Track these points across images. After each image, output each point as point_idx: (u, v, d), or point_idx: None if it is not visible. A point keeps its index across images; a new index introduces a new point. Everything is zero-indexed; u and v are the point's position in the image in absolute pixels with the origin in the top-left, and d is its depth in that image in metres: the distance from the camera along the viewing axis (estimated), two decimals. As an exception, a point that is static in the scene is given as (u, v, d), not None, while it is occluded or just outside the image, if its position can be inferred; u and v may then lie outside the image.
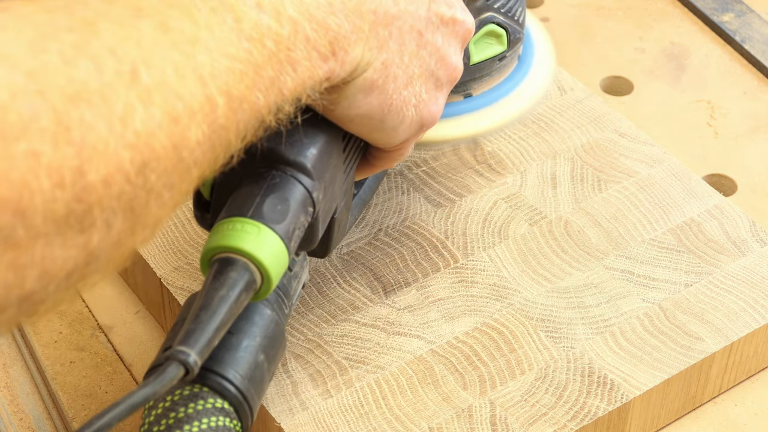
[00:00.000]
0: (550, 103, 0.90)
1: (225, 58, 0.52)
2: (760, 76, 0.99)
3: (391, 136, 0.66)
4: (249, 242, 0.60)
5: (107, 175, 0.47)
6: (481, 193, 0.84)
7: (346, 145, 0.66)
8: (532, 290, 0.78)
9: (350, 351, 0.75)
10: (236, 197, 0.62)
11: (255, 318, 0.65)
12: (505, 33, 0.77)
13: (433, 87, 0.67)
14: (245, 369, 0.63)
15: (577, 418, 0.72)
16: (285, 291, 0.68)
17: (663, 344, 0.75)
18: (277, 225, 0.61)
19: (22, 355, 0.81)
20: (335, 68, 0.58)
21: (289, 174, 0.62)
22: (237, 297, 0.59)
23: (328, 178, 0.64)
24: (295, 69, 0.56)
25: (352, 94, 0.62)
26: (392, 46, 0.62)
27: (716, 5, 1.04)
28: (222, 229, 0.60)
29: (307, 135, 0.63)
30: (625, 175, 0.85)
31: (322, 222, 0.65)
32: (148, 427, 0.63)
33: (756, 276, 0.79)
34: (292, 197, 0.62)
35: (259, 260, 0.60)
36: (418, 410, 0.72)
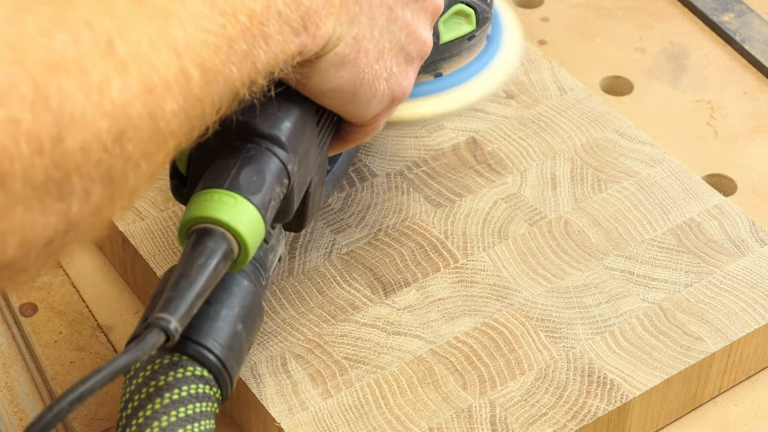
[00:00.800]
0: (550, 103, 0.90)
1: (199, 31, 0.53)
2: (760, 76, 0.99)
3: (363, 110, 0.67)
4: (226, 212, 0.61)
5: (85, 143, 0.48)
6: (481, 193, 0.84)
7: (320, 119, 0.68)
8: (532, 290, 0.78)
9: (350, 351, 0.75)
10: (212, 170, 0.63)
11: (233, 289, 0.66)
12: (473, 12, 0.78)
13: (404, 61, 0.68)
14: (224, 338, 0.64)
15: (577, 418, 0.72)
16: (262, 263, 0.69)
17: (663, 344, 0.75)
18: (253, 196, 0.62)
19: (22, 355, 0.81)
20: (307, 42, 0.60)
21: (264, 147, 0.63)
22: (215, 266, 0.60)
23: (302, 151, 0.65)
24: (268, 43, 0.57)
25: (324, 68, 0.63)
26: (363, 20, 0.63)
27: (716, 5, 1.04)
28: (199, 201, 0.62)
29: (281, 109, 0.64)
30: (625, 175, 0.85)
31: (297, 194, 0.66)
32: (130, 395, 0.64)
33: (756, 276, 0.79)
34: (267, 169, 0.63)
35: (237, 230, 0.61)
36: (418, 410, 0.72)
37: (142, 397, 0.63)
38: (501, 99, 0.90)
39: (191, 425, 0.62)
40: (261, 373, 0.73)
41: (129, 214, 0.82)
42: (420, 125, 0.86)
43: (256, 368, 0.74)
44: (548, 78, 0.92)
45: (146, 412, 0.62)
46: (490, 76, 0.81)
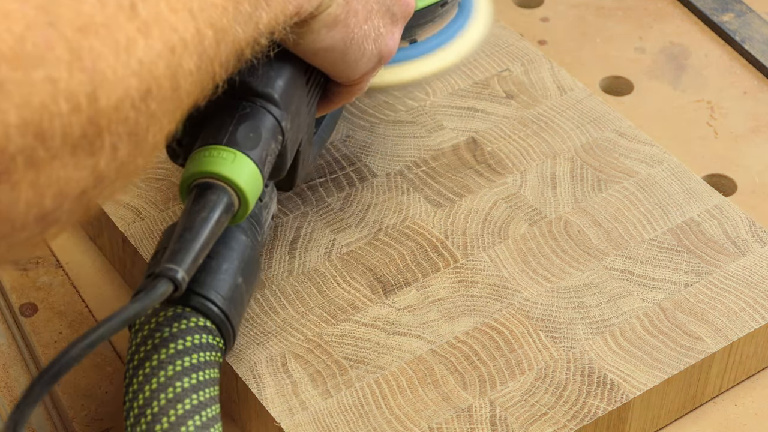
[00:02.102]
0: (550, 103, 0.90)
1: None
2: (760, 76, 0.99)
3: (352, 69, 0.70)
4: (226, 167, 0.63)
5: (117, 101, 0.51)
6: (481, 193, 0.84)
7: (309, 78, 0.70)
8: (532, 290, 0.78)
9: (350, 351, 0.75)
10: (210, 127, 0.65)
11: (232, 243, 0.68)
12: None
13: (390, 22, 0.71)
14: (226, 290, 0.67)
15: (577, 418, 0.72)
16: (257, 219, 0.71)
17: (663, 344, 0.75)
18: (251, 151, 0.64)
19: (22, 355, 0.81)
20: (303, 3, 0.62)
21: (259, 105, 0.66)
22: (218, 218, 0.62)
23: (294, 109, 0.68)
24: (269, 4, 0.60)
25: (318, 29, 0.65)
26: None
27: (716, 5, 1.04)
28: (199, 157, 0.64)
29: (273, 68, 0.67)
30: (625, 175, 0.85)
31: (290, 151, 0.68)
32: (136, 348, 0.65)
33: (756, 276, 0.79)
34: (263, 126, 0.65)
35: (237, 183, 0.63)
36: (418, 410, 0.72)
37: (148, 348, 0.65)
38: (501, 99, 0.90)
39: (196, 374, 0.64)
40: (261, 373, 0.73)
41: (129, 214, 0.82)
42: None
43: (256, 368, 0.74)
44: (548, 78, 0.92)
45: (152, 362, 0.64)
46: (463, 42, 0.83)
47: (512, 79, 0.92)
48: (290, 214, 0.82)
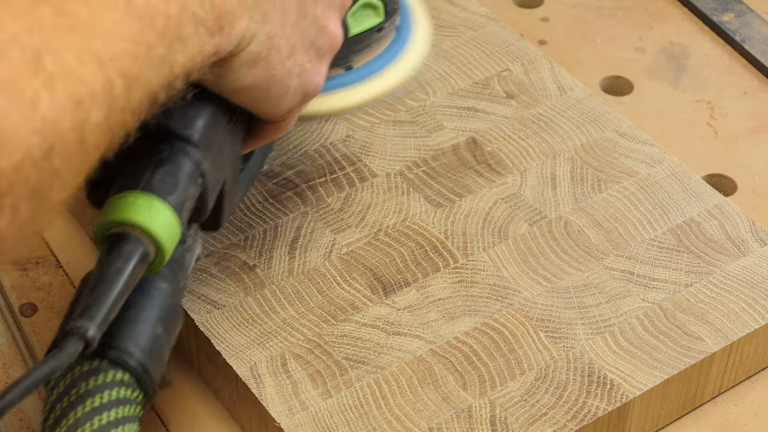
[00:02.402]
0: (550, 103, 0.90)
1: (120, 39, 0.53)
2: (760, 76, 0.99)
3: (276, 106, 0.67)
4: (141, 215, 0.61)
5: (18, 161, 0.49)
6: (481, 193, 0.84)
7: (232, 116, 0.67)
8: (532, 290, 0.78)
9: (350, 351, 0.75)
10: (126, 172, 0.63)
11: (151, 291, 0.65)
12: (381, 4, 0.79)
13: (315, 57, 0.68)
14: (144, 341, 0.64)
15: (577, 418, 0.72)
16: (179, 264, 0.68)
17: (663, 344, 0.75)
18: (168, 196, 0.62)
19: (22, 355, 0.81)
20: (222, 42, 0.60)
21: (178, 147, 0.63)
22: (132, 269, 0.60)
23: (216, 149, 0.65)
24: (185, 46, 0.57)
25: (238, 67, 0.63)
26: (275, 18, 0.63)
27: (716, 5, 1.04)
28: (114, 204, 0.61)
29: (193, 108, 0.64)
30: (625, 175, 0.85)
31: (211, 193, 0.66)
32: (52, 405, 0.63)
33: (756, 276, 0.79)
34: (181, 169, 0.63)
35: (153, 232, 0.60)
36: (418, 410, 0.72)
37: (65, 406, 0.62)
38: (501, 99, 0.90)
39: (115, 429, 0.61)
40: (261, 373, 0.73)
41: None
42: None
43: (256, 368, 0.74)
44: (548, 78, 0.92)
45: (68, 420, 0.61)
46: (401, 66, 0.82)
47: (512, 79, 0.92)
48: (290, 214, 0.82)
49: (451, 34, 0.95)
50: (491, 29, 0.96)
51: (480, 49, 0.94)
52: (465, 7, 0.97)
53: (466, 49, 0.94)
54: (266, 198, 0.83)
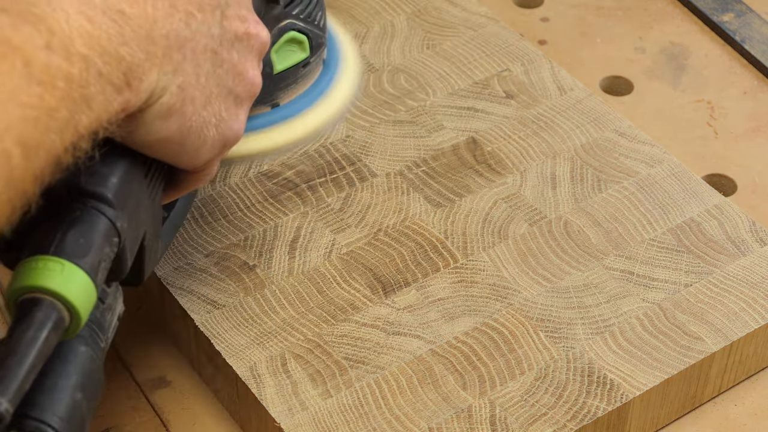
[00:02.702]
0: (550, 103, 0.90)
1: (17, 106, 0.50)
2: (760, 76, 0.99)
3: (193, 158, 0.65)
4: (53, 280, 0.57)
5: None
6: (481, 193, 0.84)
7: (149, 169, 0.65)
8: (532, 290, 0.78)
9: (350, 351, 0.75)
10: (37, 234, 0.59)
11: (69, 356, 0.62)
12: (306, 39, 0.76)
13: (233, 104, 0.65)
14: (63, 410, 0.60)
15: (577, 418, 0.72)
16: (99, 324, 0.65)
17: (663, 344, 0.75)
18: (81, 259, 0.59)
19: (22, 355, 0.80)
20: (131, 98, 0.57)
21: (90, 206, 0.60)
22: (45, 338, 0.56)
23: (132, 205, 0.63)
24: (90, 105, 0.54)
25: (150, 121, 0.60)
26: (187, 68, 0.61)
27: (716, 5, 1.04)
28: (24, 269, 0.58)
29: (106, 164, 0.61)
30: (625, 175, 0.85)
31: (129, 251, 0.63)
32: None
33: (756, 276, 0.79)
34: (95, 230, 0.60)
35: (65, 297, 0.57)
36: (418, 410, 0.72)
37: None
38: (501, 99, 0.90)
39: None
40: (261, 373, 0.73)
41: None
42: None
43: (256, 368, 0.74)
44: (548, 78, 0.92)
45: None
46: (330, 102, 0.79)
47: (512, 79, 0.92)
48: (290, 214, 0.82)
49: (451, 34, 0.95)
50: (491, 29, 0.96)
51: (480, 49, 0.94)
52: (465, 7, 0.97)
53: (466, 49, 0.94)
54: (266, 198, 0.83)
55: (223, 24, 0.63)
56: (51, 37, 0.52)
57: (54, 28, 0.53)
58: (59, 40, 0.53)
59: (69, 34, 0.53)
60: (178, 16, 0.60)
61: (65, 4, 0.54)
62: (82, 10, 0.54)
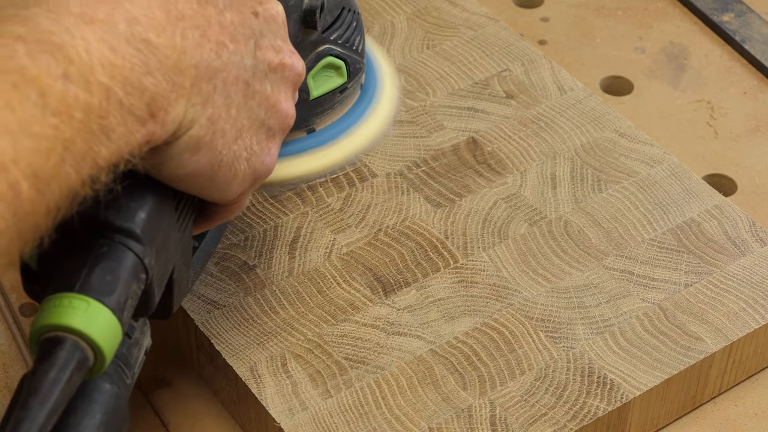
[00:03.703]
0: (550, 103, 0.90)
1: (29, 138, 0.49)
2: (760, 76, 0.99)
3: (224, 192, 0.63)
4: (77, 318, 0.56)
5: None
6: (481, 193, 0.84)
7: (179, 202, 0.63)
8: (532, 290, 0.78)
9: (350, 351, 0.75)
10: (62, 270, 0.58)
11: (94, 395, 0.60)
12: (344, 64, 0.75)
13: (265, 137, 0.64)
14: None
15: (577, 418, 0.72)
16: (125, 360, 0.63)
17: (663, 344, 0.75)
18: (107, 297, 0.57)
19: (23, 355, 0.81)
20: (155, 130, 0.55)
21: (118, 241, 0.58)
22: (68, 378, 0.55)
23: (161, 240, 0.61)
24: (110, 137, 0.52)
25: (178, 154, 0.58)
26: (218, 99, 0.59)
27: (716, 5, 1.04)
28: (48, 307, 0.56)
29: (134, 198, 0.59)
30: (625, 175, 0.85)
31: (157, 286, 0.61)
32: None
33: (756, 276, 0.79)
34: (121, 266, 0.58)
35: (90, 337, 0.56)
36: (418, 410, 0.72)
37: None
38: (501, 99, 0.90)
39: None
40: (261, 373, 0.73)
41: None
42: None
43: (256, 368, 0.74)
44: (548, 78, 0.92)
45: None
46: (367, 127, 0.77)
47: (512, 79, 0.92)
48: (290, 214, 0.82)
49: (451, 34, 0.95)
50: (491, 29, 0.96)
51: (480, 49, 0.94)
52: (465, 7, 0.97)
53: (466, 49, 0.94)
54: (266, 198, 0.83)
55: (256, 54, 0.62)
56: (69, 66, 0.51)
57: (73, 56, 0.51)
58: (78, 69, 0.51)
59: (89, 63, 0.51)
60: (209, 46, 0.58)
61: (86, 33, 0.52)
62: (104, 39, 0.53)
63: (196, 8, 0.58)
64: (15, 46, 0.50)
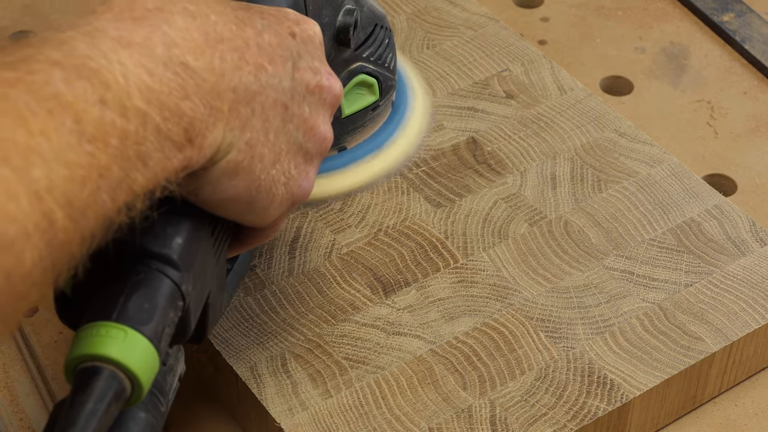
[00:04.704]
0: (550, 103, 0.90)
1: (63, 166, 0.48)
2: (760, 76, 0.99)
3: (261, 217, 0.62)
4: (115, 348, 0.55)
5: None
6: (481, 193, 0.84)
7: (215, 227, 0.62)
8: (532, 290, 0.78)
9: (350, 351, 0.75)
10: (99, 298, 0.57)
11: (128, 424, 0.59)
12: (376, 82, 0.74)
13: (303, 161, 0.63)
14: None
15: (577, 418, 0.72)
16: (160, 388, 0.62)
17: (663, 344, 0.75)
18: (145, 326, 0.56)
19: (22, 355, 0.81)
20: (192, 155, 0.54)
21: (155, 268, 0.58)
22: (105, 410, 0.54)
23: (198, 266, 0.60)
24: (146, 163, 0.51)
25: (216, 179, 0.58)
26: (256, 123, 0.58)
27: (716, 5, 1.04)
28: (85, 336, 0.55)
29: (170, 224, 0.59)
30: (625, 175, 0.85)
31: (193, 313, 0.61)
32: None
33: (756, 276, 0.79)
34: (159, 294, 0.57)
35: (127, 367, 0.55)
36: (418, 410, 0.72)
37: None
38: (501, 99, 0.90)
39: None
40: (261, 373, 0.73)
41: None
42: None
43: (256, 368, 0.74)
44: (548, 78, 0.92)
45: None
46: (398, 145, 0.77)
47: (512, 79, 0.92)
48: (290, 215, 0.82)
49: (451, 34, 0.95)
50: (491, 29, 0.96)
51: (480, 49, 0.94)
52: (465, 7, 0.97)
53: (466, 49, 0.94)
54: (266, 198, 0.83)
55: (294, 76, 0.61)
56: (106, 91, 0.50)
57: (110, 82, 0.50)
58: (114, 95, 0.50)
59: (126, 88, 0.51)
60: (248, 68, 0.57)
61: (124, 57, 0.51)
62: (142, 63, 0.52)
63: (234, 30, 0.57)
64: (51, 72, 0.49)
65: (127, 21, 0.53)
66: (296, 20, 0.63)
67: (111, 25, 0.52)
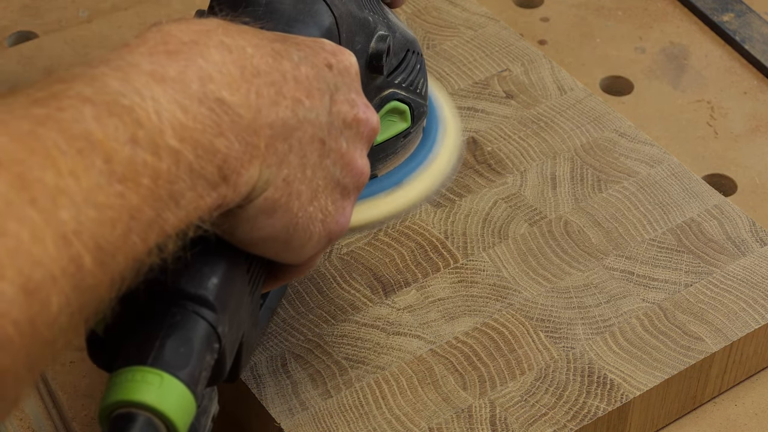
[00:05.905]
0: (550, 103, 0.90)
1: (92, 208, 0.46)
2: (760, 76, 0.99)
3: (298, 254, 0.60)
4: (151, 394, 0.53)
5: None
6: (481, 193, 0.84)
7: (250, 265, 0.61)
8: (532, 290, 0.78)
9: (350, 351, 0.75)
10: (133, 341, 0.55)
11: None
12: (408, 109, 0.73)
13: (340, 197, 0.61)
14: None
15: (577, 418, 0.72)
16: (194, 430, 0.59)
17: (663, 344, 0.75)
18: (181, 371, 0.54)
19: (22, 355, 0.80)
20: (227, 194, 0.52)
21: (191, 309, 0.56)
22: None
23: (233, 305, 0.58)
24: (178, 203, 0.50)
25: (253, 217, 0.56)
26: (293, 160, 0.57)
27: (716, 5, 1.04)
28: (120, 381, 0.54)
29: (206, 263, 0.57)
30: (625, 175, 0.85)
31: (229, 354, 0.59)
32: None
33: (756, 276, 0.79)
34: (195, 336, 0.55)
35: (164, 413, 0.53)
36: (418, 410, 0.72)
37: None
38: (501, 99, 0.90)
39: None
40: (261, 373, 0.73)
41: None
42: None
43: (256, 368, 0.74)
44: (548, 78, 0.92)
45: None
46: (430, 174, 0.75)
47: (512, 79, 0.92)
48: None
49: (451, 34, 0.95)
50: (491, 29, 0.96)
51: (480, 49, 0.94)
52: (465, 7, 0.97)
53: (466, 49, 0.94)
54: (266, 198, 0.83)
55: (332, 110, 0.60)
56: (138, 129, 0.48)
57: (142, 119, 0.49)
58: (147, 133, 0.49)
59: (159, 126, 0.49)
60: (285, 103, 0.56)
61: (157, 93, 0.50)
62: (176, 99, 0.50)
63: (271, 63, 0.56)
64: (82, 109, 0.47)
65: (161, 55, 0.52)
66: (333, 51, 0.61)
67: (145, 59, 0.51)
